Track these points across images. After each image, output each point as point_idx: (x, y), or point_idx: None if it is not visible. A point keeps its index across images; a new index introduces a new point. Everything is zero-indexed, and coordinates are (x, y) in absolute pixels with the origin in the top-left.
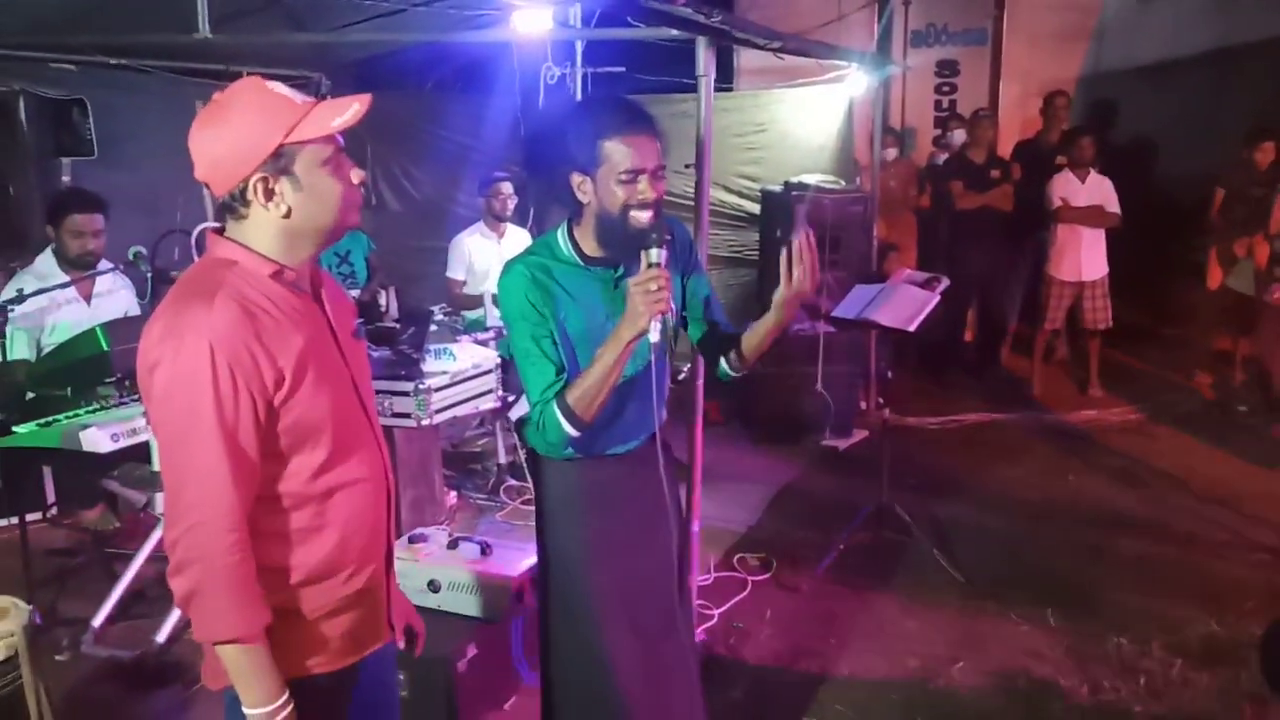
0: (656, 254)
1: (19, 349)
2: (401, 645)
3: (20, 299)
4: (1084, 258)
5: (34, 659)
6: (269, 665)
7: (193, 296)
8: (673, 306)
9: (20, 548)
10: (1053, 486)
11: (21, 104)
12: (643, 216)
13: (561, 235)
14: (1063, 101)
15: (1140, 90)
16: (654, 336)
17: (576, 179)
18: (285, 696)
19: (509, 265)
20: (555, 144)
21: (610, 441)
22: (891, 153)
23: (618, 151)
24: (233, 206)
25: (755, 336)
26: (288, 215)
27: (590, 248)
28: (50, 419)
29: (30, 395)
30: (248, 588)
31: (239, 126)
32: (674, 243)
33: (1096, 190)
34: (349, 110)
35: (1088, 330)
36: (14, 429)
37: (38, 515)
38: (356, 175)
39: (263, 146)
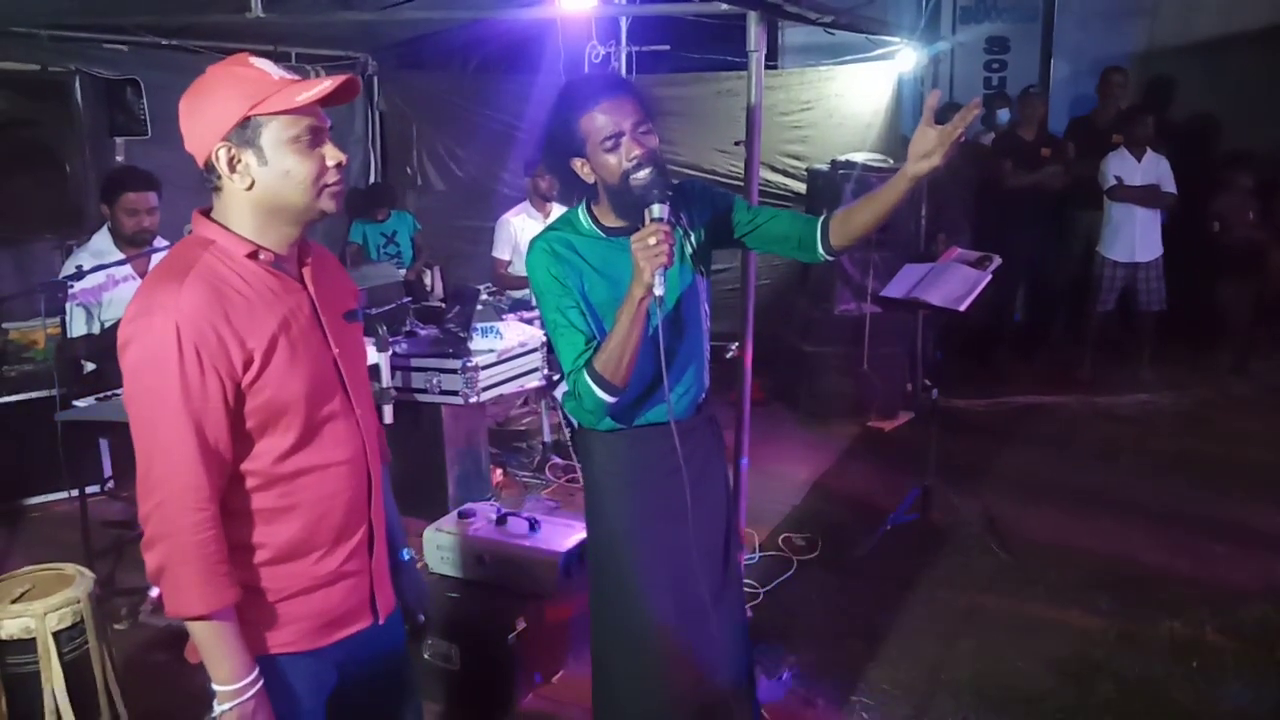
0: (659, 209)
1: (78, 325)
2: (422, 619)
3: (79, 275)
4: (1139, 238)
5: (97, 626)
6: (237, 643)
7: (166, 276)
8: (675, 259)
9: (80, 519)
10: (1104, 470)
11: (77, 84)
12: (642, 176)
13: (582, 211)
14: (1119, 79)
15: (1195, 67)
16: (659, 290)
17: (577, 164)
18: (254, 675)
19: (532, 242)
20: (549, 141)
21: (648, 409)
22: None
23: (593, 123)
24: (209, 179)
25: (873, 204)
26: (251, 188)
27: (609, 220)
28: (109, 393)
29: (91, 368)
30: (215, 565)
31: (212, 98)
32: (681, 195)
33: (1153, 169)
34: (316, 87)
35: (1141, 312)
36: (74, 403)
37: (96, 488)
38: (333, 158)
39: (229, 117)
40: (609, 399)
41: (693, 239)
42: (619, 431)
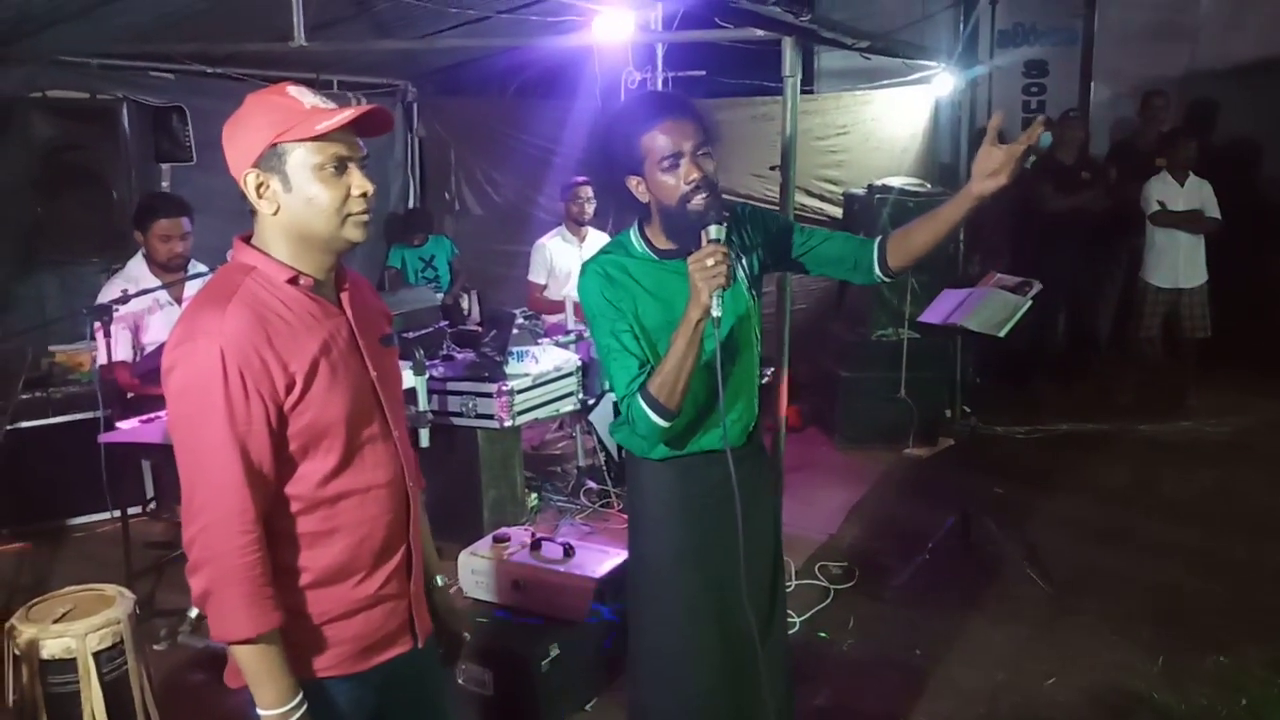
0: (716, 230)
1: (122, 349)
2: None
3: (125, 299)
4: (1182, 264)
5: (136, 646)
6: (282, 667)
7: (210, 301)
8: (732, 280)
9: (121, 540)
10: (1146, 499)
11: (124, 111)
12: (699, 200)
13: (634, 233)
14: (1161, 102)
15: (1237, 91)
16: (716, 312)
17: (632, 182)
18: (299, 699)
19: (585, 266)
20: (605, 156)
21: (700, 436)
22: None
23: (654, 142)
24: (248, 204)
25: (933, 224)
26: (277, 214)
27: (661, 242)
28: (151, 415)
29: (131, 394)
30: (260, 589)
31: (246, 126)
32: (733, 219)
33: (1195, 194)
34: (336, 117)
35: (1185, 339)
36: (117, 425)
37: (138, 509)
38: (359, 187)
39: (258, 144)
40: (663, 423)
41: (744, 264)
42: (669, 460)
